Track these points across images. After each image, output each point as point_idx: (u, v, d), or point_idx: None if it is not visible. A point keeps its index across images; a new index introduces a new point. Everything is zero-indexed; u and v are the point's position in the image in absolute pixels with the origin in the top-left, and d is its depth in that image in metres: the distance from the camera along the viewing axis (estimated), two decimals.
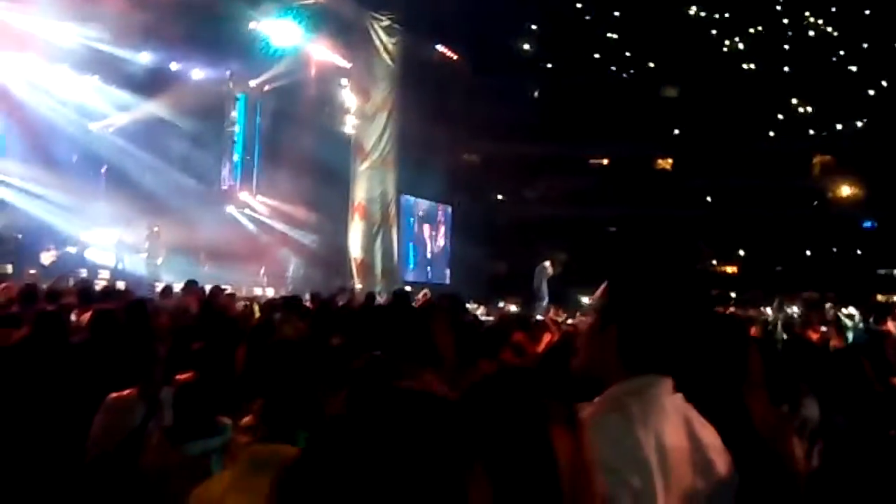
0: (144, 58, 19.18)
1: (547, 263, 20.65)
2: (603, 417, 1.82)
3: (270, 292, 18.01)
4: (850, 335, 11.69)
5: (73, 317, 7.04)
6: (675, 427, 1.90)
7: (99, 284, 13.07)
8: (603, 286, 2.09)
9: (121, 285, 13.92)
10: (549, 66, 35.58)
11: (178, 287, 12.71)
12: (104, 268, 17.69)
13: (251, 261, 20.22)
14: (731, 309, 15.36)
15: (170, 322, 7.50)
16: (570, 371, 2.07)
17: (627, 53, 36.69)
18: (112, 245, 18.26)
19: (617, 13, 37.00)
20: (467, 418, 1.07)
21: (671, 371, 1.97)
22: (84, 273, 15.85)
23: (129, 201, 18.28)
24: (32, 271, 14.72)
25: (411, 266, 25.80)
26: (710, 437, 1.97)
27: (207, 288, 11.57)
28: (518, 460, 1.33)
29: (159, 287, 13.57)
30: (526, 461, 1.35)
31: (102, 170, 19.60)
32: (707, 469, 1.92)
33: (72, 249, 17.63)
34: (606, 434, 1.75)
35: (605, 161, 36.21)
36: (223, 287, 12.12)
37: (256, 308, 8.82)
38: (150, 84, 19.55)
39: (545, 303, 19.57)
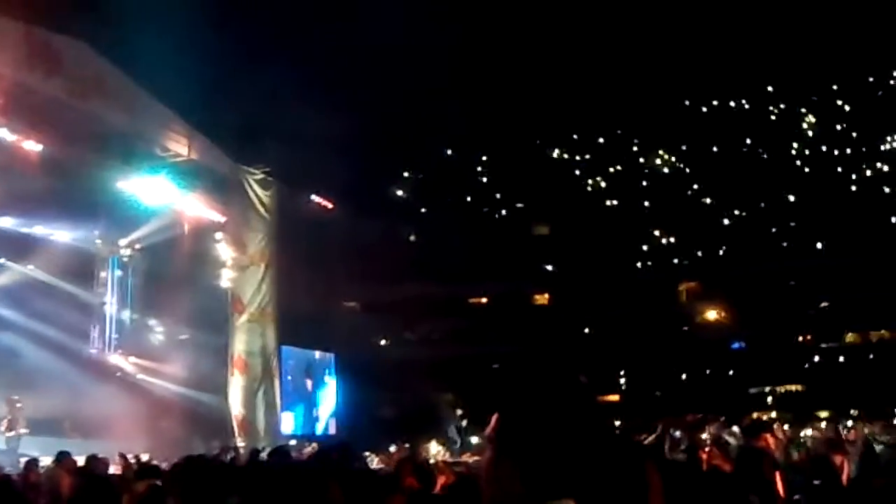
0: (5, 222, 18.54)
1: (455, 409, 20.80)
2: None
3: (145, 458, 17.02)
4: (733, 454, 11.92)
5: None
6: None
7: None
8: (493, 421, 2.11)
9: None
10: (423, 209, 36.56)
11: (46, 461, 11.86)
12: None
13: (125, 426, 19.16)
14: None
15: (44, 499, 6.99)
16: None
17: (498, 195, 38.17)
18: None
19: (485, 157, 38.70)
20: None
21: (573, 492, 1.96)
22: None
23: None
24: None
25: (297, 420, 25.02)
26: None
27: (80, 460, 10.82)
28: None
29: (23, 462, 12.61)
30: None
31: None
32: None
33: None
34: None
35: (485, 300, 36.90)
36: (99, 456, 11.36)
37: (133, 475, 8.28)
38: (12, 249, 18.85)
39: (457, 445, 19.49)
